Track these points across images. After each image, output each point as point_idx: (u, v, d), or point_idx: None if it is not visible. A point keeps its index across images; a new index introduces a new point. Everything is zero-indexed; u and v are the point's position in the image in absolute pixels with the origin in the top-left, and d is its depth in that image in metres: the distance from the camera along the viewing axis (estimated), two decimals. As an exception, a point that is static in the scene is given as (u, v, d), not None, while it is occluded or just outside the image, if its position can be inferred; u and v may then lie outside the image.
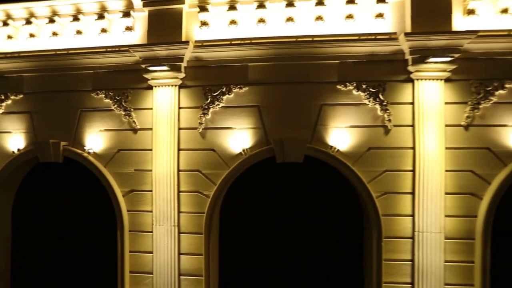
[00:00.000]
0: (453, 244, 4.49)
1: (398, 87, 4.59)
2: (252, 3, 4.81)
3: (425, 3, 4.47)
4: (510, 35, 4.42)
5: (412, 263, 4.50)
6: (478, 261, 4.44)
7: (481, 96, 4.47)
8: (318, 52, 4.64)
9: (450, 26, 4.46)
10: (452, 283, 4.48)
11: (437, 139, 4.43)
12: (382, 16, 4.64)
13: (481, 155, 4.49)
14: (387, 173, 4.56)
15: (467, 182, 4.50)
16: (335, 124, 4.64)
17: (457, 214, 4.50)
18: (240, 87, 4.80)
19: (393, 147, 4.56)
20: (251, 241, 5.47)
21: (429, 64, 4.37)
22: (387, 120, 4.55)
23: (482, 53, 4.47)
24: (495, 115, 4.49)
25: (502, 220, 4.62)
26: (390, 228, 4.55)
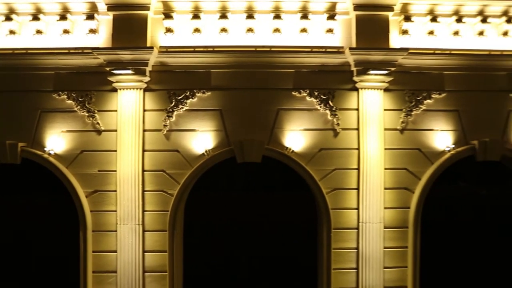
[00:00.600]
0: (391, 233, 5.17)
1: (345, 94, 5.18)
2: (215, 13, 5.14)
3: (367, 22, 5.11)
4: (435, 53, 5.23)
5: (357, 250, 5.11)
6: (411, 246, 5.17)
7: (413, 104, 5.22)
8: (275, 61, 5.09)
9: (388, 43, 5.15)
10: (390, 266, 5.16)
11: (378, 141, 5.08)
12: (332, 31, 5.21)
13: (413, 155, 5.23)
14: (336, 172, 5.12)
15: (402, 178, 5.21)
16: (290, 127, 5.11)
17: (394, 206, 5.19)
18: (203, 91, 5.09)
19: (341, 148, 5.14)
20: (214, 238, 5.76)
21: (370, 76, 5.00)
22: (336, 124, 5.12)
23: (413, 67, 5.22)
24: (424, 121, 5.27)
25: (430, 211, 5.39)
26: (338, 220, 5.11)
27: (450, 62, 5.26)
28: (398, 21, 5.29)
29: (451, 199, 5.75)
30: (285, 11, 5.15)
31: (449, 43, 5.35)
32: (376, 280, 5.06)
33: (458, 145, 5.24)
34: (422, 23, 5.32)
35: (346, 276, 5.13)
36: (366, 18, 5.11)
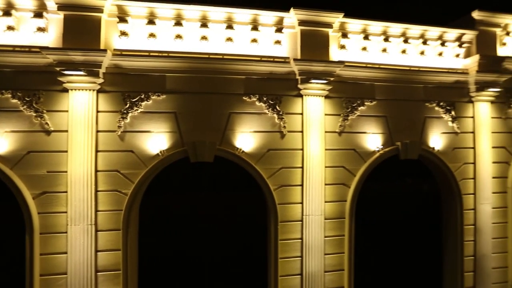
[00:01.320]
0: (330, 223, 5.85)
1: (291, 100, 5.75)
2: (170, 20, 5.38)
3: (311, 36, 5.75)
4: (367, 66, 6.05)
5: (301, 240, 5.69)
6: (347, 235, 5.90)
7: (349, 110, 5.98)
8: (227, 68, 5.47)
9: (328, 56, 5.83)
10: (329, 252, 5.83)
11: (319, 142, 5.73)
12: (280, 43, 5.77)
13: (349, 155, 5.98)
14: (283, 170, 5.66)
15: (340, 175, 5.93)
16: (241, 129, 5.53)
17: (333, 200, 5.88)
18: (158, 95, 5.29)
19: (287, 148, 5.69)
20: (170, 236, 5.96)
21: (312, 84, 5.63)
22: (283, 126, 5.66)
23: (350, 78, 5.98)
24: (358, 124, 6.04)
25: (363, 203, 6.21)
26: (285, 214, 5.65)
27: (379, 75, 6.11)
28: (337, 37, 6.03)
29: (380, 193, 6.65)
30: (237, 22, 5.58)
31: (379, 58, 6.22)
32: (317, 266, 5.70)
33: (385, 146, 6.12)
34: (357, 40, 6.14)
35: (292, 263, 5.68)
36: (309, 33, 5.75)
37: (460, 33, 6.55)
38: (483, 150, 6.59)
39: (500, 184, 6.79)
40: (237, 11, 5.50)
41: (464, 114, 6.60)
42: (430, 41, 6.47)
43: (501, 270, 6.75)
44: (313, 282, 5.68)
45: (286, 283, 5.65)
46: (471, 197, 6.58)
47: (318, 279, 5.70)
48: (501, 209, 6.77)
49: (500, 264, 6.73)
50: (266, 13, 5.61)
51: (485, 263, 6.60)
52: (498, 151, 6.75)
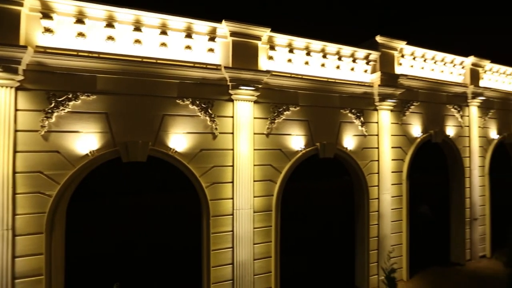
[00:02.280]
0: (259, 216, 6.51)
1: (223, 104, 6.25)
2: (101, 21, 5.40)
3: (241, 47, 6.33)
4: (292, 76, 6.89)
5: (232, 232, 6.22)
6: (273, 225, 6.63)
7: (275, 114, 6.72)
8: (161, 72, 5.70)
9: (257, 65, 6.48)
10: (258, 242, 6.47)
11: (249, 143, 6.34)
12: (213, 51, 6.22)
13: (276, 154, 6.73)
14: (215, 168, 6.12)
15: (267, 172, 6.64)
16: (174, 130, 5.82)
17: (261, 195, 6.55)
18: (88, 95, 5.26)
19: (219, 148, 6.17)
20: (101, 238, 5.93)
21: (242, 90, 6.21)
22: (215, 128, 6.13)
23: (276, 85, 6.73)
24: (284, 127, 6.82)
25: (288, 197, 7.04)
26: (217, 209, 6.12)
27: (302, 84, 6.98)
28: (266, 49, 6.73)
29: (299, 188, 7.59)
30: (172, 29, 5.86)
31: (302, 69, 7.09)
32: (247, 254, 6.29)
33: (307, 146, 7.01)
34: (284, 52, 6.94)
35: (224, 254, 6.17)
36: (240, 43, 6.32)
37: (367, 52, 7.88)
38: (385, 149, 8.03)
39: (398, 177, 8.35)
40: (171, 18, 5.78)
41: (370, 120, 7.95)
42: (344, 57, 7.65)
43: (397, 247, 8.28)
44: (243, 269, 6.25)
45: (218, 272, 6.11)
46: (375, 188, 7.96)
47: (248, 266, 6.31)
48: (398, 197, 8.32)
49: (396, 242, 8.25)
50: (200, 22, 6.01)
51: (386, 242, 8.04)
52: (396, 150, 8.29)
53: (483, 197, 10.11)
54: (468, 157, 9.80)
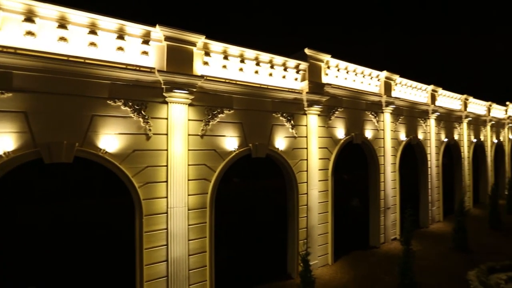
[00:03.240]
0: (194, 213, 6.83)
1: (157, 106, 6.42)
2: (19, 14, 5.13)
3: (176, 51, 6.57)
4: (226, 81, 7.37)
5: (167, 230, 6.43)
6: (208, 222, 7.02)
7: (210, 117, 7.13)
8: (90, 72, 5.64)
9: (192, 70, 6.80)
10: (193, 238, 6.80)
11: (183, 144, 6.62)
12: (147, 54, 6.35)
13: (210, 154, 7.13)
14: (148, 168, 6.26)
15: (202, 172, 7.00)
16: (105, 131, 5.80)
17: (196, 193, 6.88)
18: (2, 92, 4.96)
19: (153, 149, 6.33)
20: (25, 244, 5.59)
21: (176, 93, 6.47)
22: (148, 129, 6.26)
23: (211, 90, 7.14)
24: (219, 129, 7.29)
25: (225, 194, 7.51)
26: (151, 208, 6.26)
27: (236, 89, 7.53)
28: (201, 55, 7.09)
29: (237, 186, 8.15)
30: (102, 29, 5.84)
31: (237, 75, 7.66)
32: (182, 251, 6.56)
33: (241, 146, 7.59)
34: (219, 59, 7.38)
35: (158, 252, 6.33)
36: (175, 48, 6.57)
37: (297, 63, 8.79)
38: (313, 150, 9.04)
39: (324, 174, 9.46)
40: (101, 18, 5.75)
41: (300, 123, 8.88)
42: (276, 66, 8.42)
43: (323, 236, 9.38)
44: (178, 265, 6.50)
45: (152, 270, 6.26)
46: (304, 184, 8.91)
47: (183, 262, 6.58)
48: (324, 192, 9.44)
49: (323, 231, 9.35)
50: (133, 25, 6.10)
51: (314, 232, 9.06)
52: (322, 150, 9.39)
53: (394, 189, 11.98)
54: (382, 156, 11.52)
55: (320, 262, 9.27)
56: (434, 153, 14.52)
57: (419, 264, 9.40)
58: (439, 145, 15.04)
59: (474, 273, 8.54)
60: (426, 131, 14.12)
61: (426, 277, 8.59)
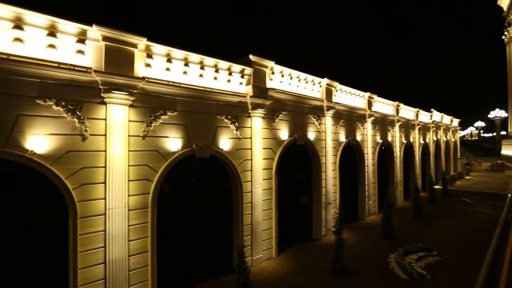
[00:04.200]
0: (135, 213, 6.86)
1: (94, 106, 6.34)
2: None
3: (116, 52, 6.56)
4: (169, 84, 7.53)
5: (105, 232, 6.37)
6: (150, 221, 7.10)
7: (152, 118, 7.23)
8: (15, 69, 5.36)
9: (132, 72, 6.83)
10: (134, 238, 6.82)
11: (123, 145, 6.62)
12: (83, 53, 6.24)
13: (153, 155, 7.23)
14: (84, 170, 6.14)
15: (144, 172, 7.06)
16: (33, 131, 5.57)
17: (137, 193, 6.92)
18: None
19: (89, 150, 6.23)
20: None
21: (115, 94, 6.46)
22: (84, 130, 6.15)
23: (154, 92, 7.25)
24: (161, 130, 7.42)
25: (166, 194, 7.64)
26: (87, 209, 6.15)
27: (180, 92, 7.74)
28: (143, 56, 7.16)
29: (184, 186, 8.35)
30: (30, 24, 5.60)
31: (181, 78, 7.87)
32: (121, 252, 6.55)
33: (184, 147, 7.82)
34: (162, 61, 7.52)
35: (94, 255, 6.23)
36: (114, 48, 6.55)
37: (242, 68, 9.29)
38: (257, 150, 9.61)
39: (268, 173, 10.11)
40: (28, 13, 5.52)
41: (245, 125, 9.38)
42: (221, 70, 8.81)
43: (269, 231, 10.02)
44: (117, 267, 6.47)
45: (88, 273, 6.14)
46: (249, 183, 9.43)
47: (122, 263, 6.56)
48: (268, 190, 10.07)
49: (267, 227, 9.98)
50: (66, 23, 5.95)
51: (258, 227, 9.63)
52: (267, 151, 10.03)
53: (335, 186, 13.20)
54: (324, 156, 12.63)
55: (265, 256, 9.86)
56: (371, 153, 16.28)
57: (352, 252, 10.59)
58: (375, 145, 16.90)
59: (393, 256, 9.91)
60: (364, 133, 15.78)
61: (356, 262, 9.71)
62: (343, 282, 8.37)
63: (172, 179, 7.81)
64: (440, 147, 28.49)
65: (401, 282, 8.41)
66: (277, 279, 8.58)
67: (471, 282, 8.18)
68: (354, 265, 9.46)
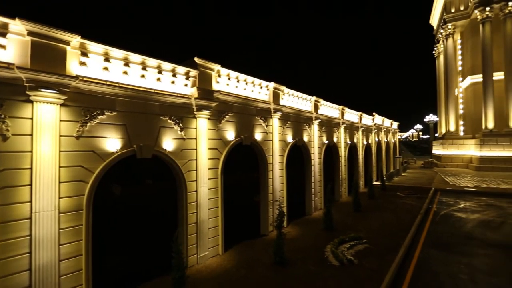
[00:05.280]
0: (67, 216, 6.63)
1: (18, 105, 6.01)
2: None
3: (44, 48, 6.29)
4: (107, 84, 7.42)
5: (30, 237, 6.06)
6: (85, 224, 6.91)
7: (88, 118, 7.06)
8: None
9: (64, 69, 6.61)
10: (66, 242, 6.58)
11: (52, 145, 6.37)
12: (4, 48, 5.89)
13: (88, 155, 7.06)
14: (5, 172, 5.79)
15: (78, 173, 6.86)
16: None
17: (70, 195, 6.70)
18: None
19: (11, 151, 5.88)
20: None
21: (44, 92, 6.20)
22: (6, 130, 5.81)
23: (90, 91, 7.09)
24: (98, 130, 7.27)
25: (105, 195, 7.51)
26: (8, 214, 5.79)
27: (120, 92, 7.65)
28: (77, 54, 6.96)
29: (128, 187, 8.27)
30: None
31: (120, 78, 7.79)
32: (50, 257, 6.28)
33: (124, 148, 7.75)
34: (99, 60, 7.37)
35: (18, 262, 5.89)
36: (42, 44, 6.28)
37: (187, 70, 9.47)
38: (202, 150, 9.86)
39: (214, 173, 10.41)
40: None
41: (189, 125, 9.57)
42: (165, 72, 8.89)
43: (215, 229, 10.32)
44: (44, 273, 6.20)
45: (9, 282, 5.78)
46: (194, 183, 9.63)
47: (51, 269, 6.30)
48: (214, 189, 10.38)
49: (213, 225, 10.27)
50: (-16, 15, 5.58)
51: (204, 226, 9.87)
52: (212, 151, 10.33)
53: (282, 184, 14.02)
54: (271, 156, 13.35)
55: (211, 253, 10.14)
56: (317, 153, 17.56)
57: (294, 244, 11.42)
58: (321, 146, 18.26)
59: (329, 246, 10.95)
60: (311, 134, 16.97)
61: (297, 253, 10.51)
62: (282, 272, 9.04)
63: (115, 180, 7.68)
64: (381, 147, 31.64)
65: (333, 268, 9.36)
66: (220, 274, 8.93)
67: (390, 263, 9.46)
68: (294, 256, 10.23)
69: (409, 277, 8.83)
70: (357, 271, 9.06)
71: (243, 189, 12.66)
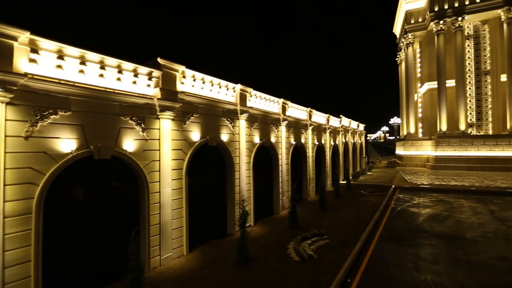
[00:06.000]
0: (13, 220, 6.31)
1: (-43, 103, 5.66)
2: None
3: (-13, 44, 5.98)
4: (61, 82, 7.16)
5: (-29, 243, 5.72)
6: (34, 228, 6.62)
7: (38, 118, 6.77)
8: None
9: (11, 67, 6.30)
10: (12, 248, 6.26)
11: (-3, 146, 6.06)
12: None
13: (39, 157, 6.77)
14: None
15: (27, 175, 6.56)
16: None
17: (17, 198, 6.38)
18: None
19: None
20: None
21: (-13, 90, 5.89)
22: None
23: (41, 90, 6.81)
24: (51, 130, 7.00)
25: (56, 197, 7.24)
26: None
27: (76, 91, 7.41)
28: (27, 51, 6.67)
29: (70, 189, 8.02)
30: None
31: (76, 77, 7.55)
32: (-6, 264, 5.96)
33: (80, 148, 7.52)
34: (52, 57, 7.11)
35: (-45, 270, 5.54)
36: (-14, 40, 5.96)
37: (150, 70, 9.39)
38: (166, 151, 9.82)
39: (179, 174, 10.40)
40: None
41: (152, 126, 9.49)
42: (126, 71, 8.75)
43: (179, 230, 10.30)
44: (-13, 281, 5.86)
45: None
46: (157, 184, 9.56)
47: (-5, 276, 5.97)
48: (178, 190, 10.36)
49: (178, 225, 10.25)
50: None
51: (167, 227, 9.82)
52: (177, 152, 10.32)
53: (248, 184, 14.29)
54: (238, 156, 13.57)
55: (175, 254, 10.11)
56: (285, 154, 18.10)
57: (259, 242, 11.72)
58: (289, 147, 18.84)
59: (292, 243, 11.40)
60: (278, 135, 17.45)
61: (261, 251, 10.81)
62: (244, 270, 9.27)
63: (77, 182, 7.41)
64: (348, 148, 33.26)
65: (294, 264, 9.77)
66: (182, 274, 8.95)
67: (347, 257, 10.09)
68: (257, 254, 10.52)
69: (363, 268, 9.51)
70: (316, 265, 9.56)
71: (211, 189, 12.74)
